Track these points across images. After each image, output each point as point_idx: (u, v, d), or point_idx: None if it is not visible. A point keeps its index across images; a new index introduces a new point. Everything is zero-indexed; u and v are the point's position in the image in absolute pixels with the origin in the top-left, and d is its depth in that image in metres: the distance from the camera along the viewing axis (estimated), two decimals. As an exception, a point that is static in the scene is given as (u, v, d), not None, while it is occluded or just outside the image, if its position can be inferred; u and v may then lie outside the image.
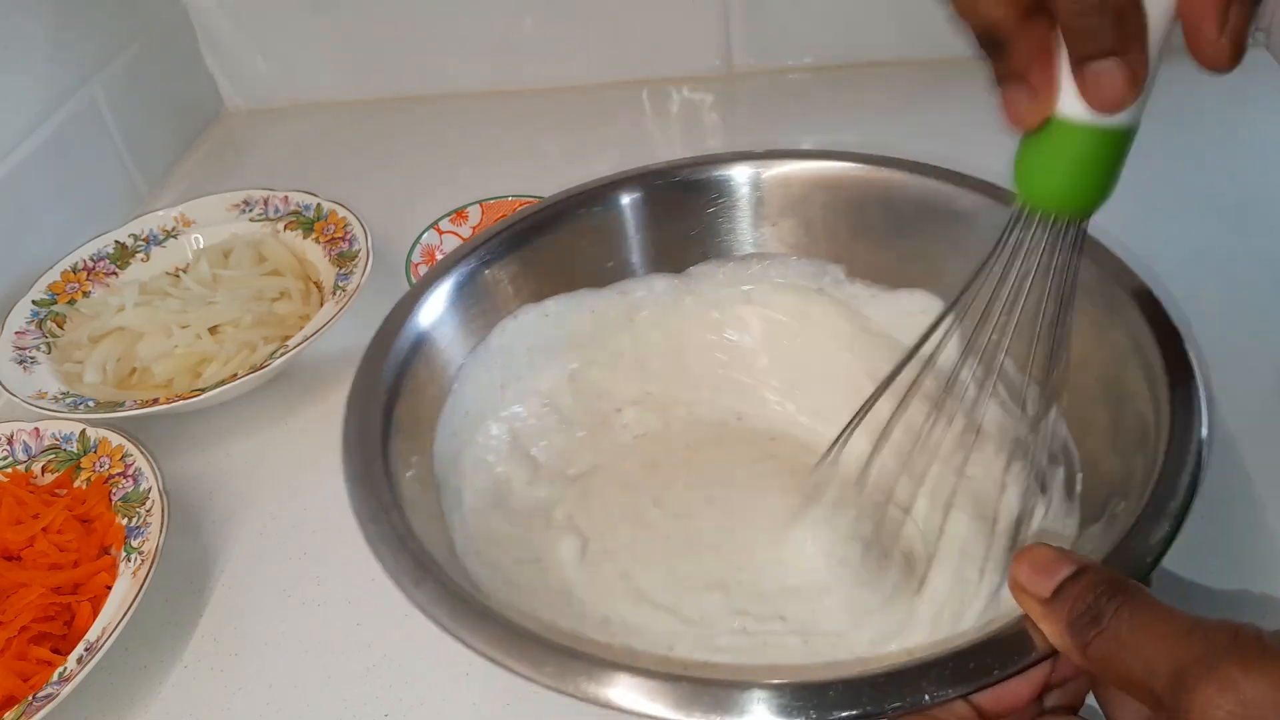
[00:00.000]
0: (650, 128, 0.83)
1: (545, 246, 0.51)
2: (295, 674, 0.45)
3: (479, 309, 0.50)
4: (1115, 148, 0.33)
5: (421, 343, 0.47)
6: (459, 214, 0.67)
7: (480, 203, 0.68)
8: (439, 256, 0.64)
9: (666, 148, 0.81)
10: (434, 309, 0.48)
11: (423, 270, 0.62)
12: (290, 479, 0.55)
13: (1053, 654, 0.30)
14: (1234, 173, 0.68)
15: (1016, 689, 0.31)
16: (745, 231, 0.53)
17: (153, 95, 0.83)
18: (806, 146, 0.47)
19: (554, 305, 0.52)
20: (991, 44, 0.32)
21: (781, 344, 0.53)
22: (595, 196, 0.52)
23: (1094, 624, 0.28)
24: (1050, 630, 0.30)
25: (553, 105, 0.86)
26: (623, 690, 0.31)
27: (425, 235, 0.65)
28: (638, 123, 0.83)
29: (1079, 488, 0.42)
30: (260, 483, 0.55)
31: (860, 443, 0.41)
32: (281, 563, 0.51)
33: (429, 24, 0.86)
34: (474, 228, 0.66)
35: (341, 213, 0.66)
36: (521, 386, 0.51)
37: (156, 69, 0.84)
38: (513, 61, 0.87)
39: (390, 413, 0.43)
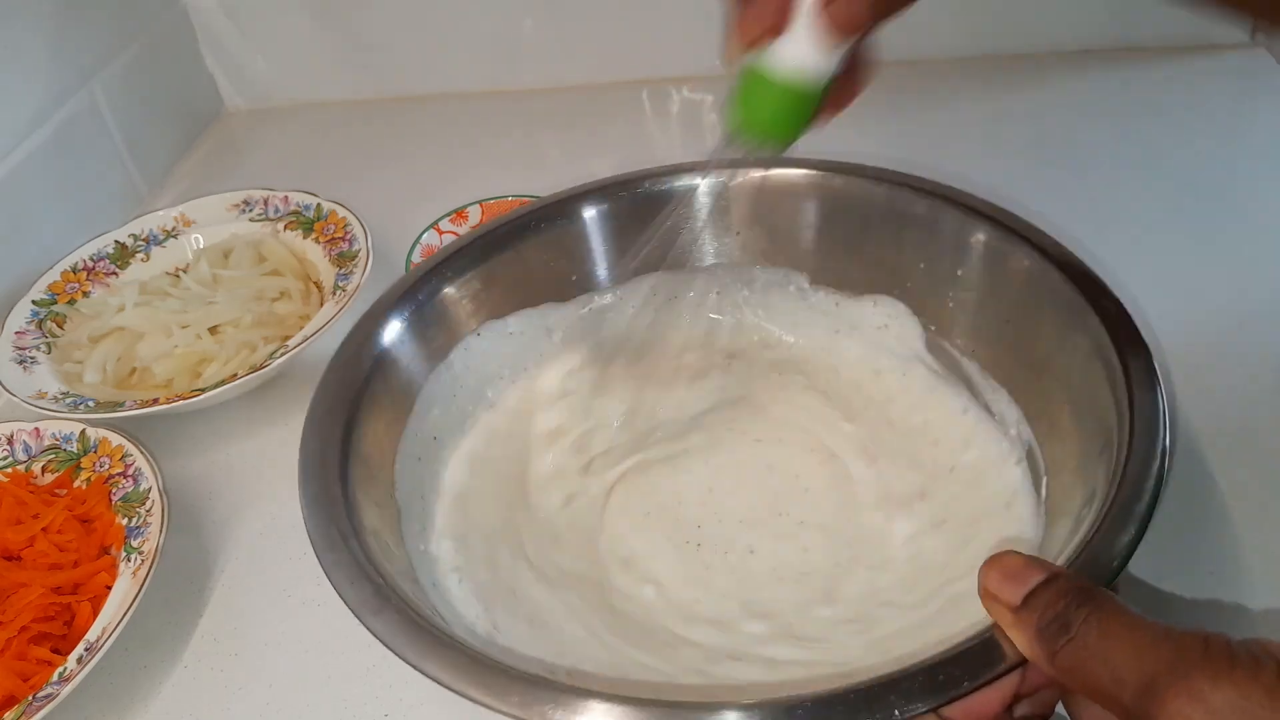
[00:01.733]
0: (650, 128, 0.83)
1: (506, 262, 0.51)
2: (295, 674, 0.45)
3: (439, 328, 0.49)
4: (783, 97, 0.38)
5: (380, 365, 0.46)
6: (459, 214, 0.67)
7: (480, 203, 0.68)
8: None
9: (666, 148, 0.81)
10: (393, 330, 0.47)
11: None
12: (291, 479, 0.54)
13: (1022, 663, 0.30)
14: (1233, 171, 0.68)
15: (986, 699, 0.30)
16: (708, 242, 0.53)
17: (153, 95, 0.83)
18: (801, 146, 0.47)
19: (516, 322, 0.51)
20: None
21: (749, 353, 0.53)
22: (556, 210, 0.52)
23: (1063, 632, 0.28)
24: (1019, 638, 0.29)
25: (553, 105, 0.86)
26: (590, 716, 0.30)
27: (425, 235, 0.65)
28: (638, 123, 0.83)
29: (1044, 492, 0.42)
30: (260, 483, 0.55)
31: None
32: (281, 563, 0.51)
33: (429, 24, 0.86)
34: (473, 228, 0.66)
35: (341, 213, 0.66)
36: (484, 407, 0.50)
37: (156, 69, 0.84)
38: (513, 61, 0.87)
39: (349, 438, 0.42)
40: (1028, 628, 0.29)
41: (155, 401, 0.54)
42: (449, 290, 0.49)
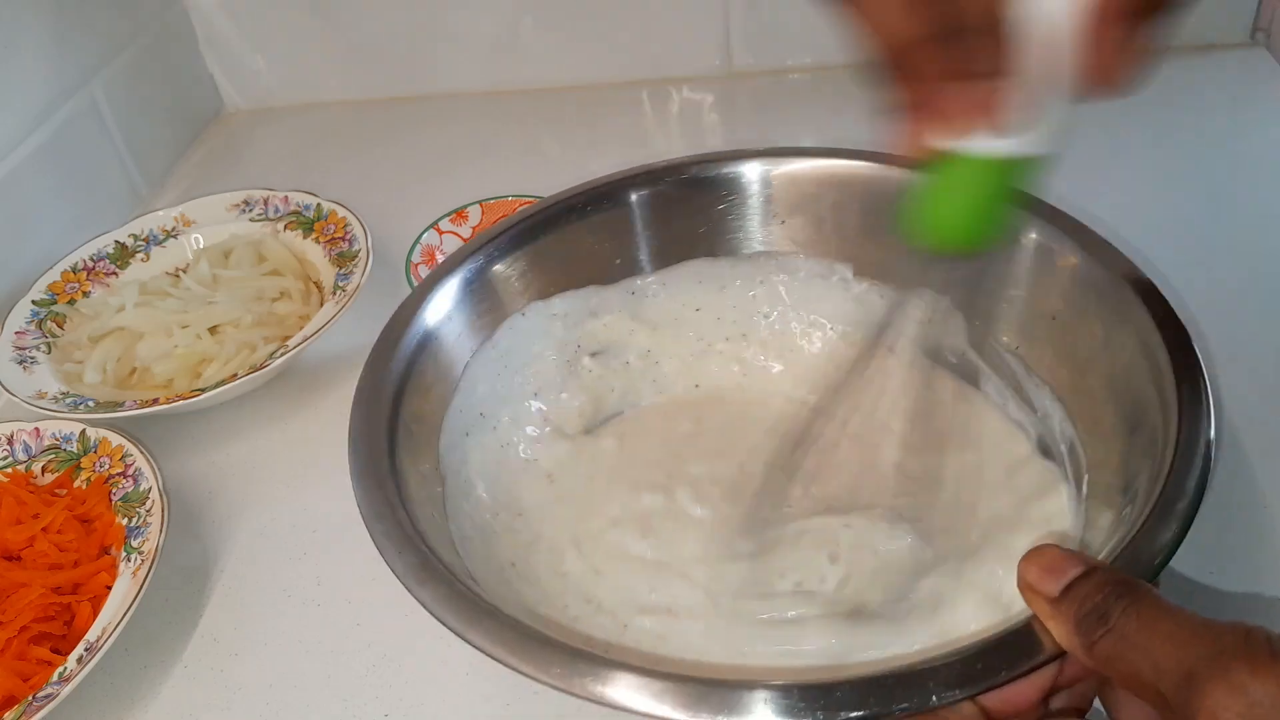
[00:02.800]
0: (650, 128, 0.83)
1: (553, 243, 0.51)
2: (295, 674, 0.45)
3: (486, 306, 0.49)
4: (1006, 179, 0.33)
5: (428, 340, 0.46)
6: (459, 214, 0.67)
7: (480, 203, 0.68)
8: (439, 257, 0.64)
9: (666, 148, 0.81)
10: (441, 306, 0.47)
11: (423, 271, 0.62)
12: (290, 479, 0.55)
13: (1060, 655, 0.30)
14: (1234, 172, 0.68)
15: (1024, 690, 0.31)
16: (754, 229, 0.53)
17: (153, 95, 0.83)
18: (849, 139, 0.47)
19: (561, 303, 0.52)
20: (897, 65, 0.32)
21: (792, 342, 0.53)
22: (604, 193, 0.52)
23: (1101, 623, 0.28)
24: (1058, 630, 0.30)
25: (553, 105, 0.86)
26: (629, 690, 0.31)
27: (425, 235, 0.65)
28: (638, 123, 0.83)
29: (1085, 490, 0.42)
30: (260, 483, 0.55)
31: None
32: (281, 563, 0.51)
33: (429, 24, 0.86)
34: (474, 228, 0.66)
35: (341, 213, 0.66)
36: (529, 384, 0.51)
37: (156, 69, 0.84)
38: (513, 61, 0.87)
39: (397, 411, 0.43)
40: (1066, 619, 0.29)
41: (155, 401, 0.54)
42: (496, 269, 0.50)
